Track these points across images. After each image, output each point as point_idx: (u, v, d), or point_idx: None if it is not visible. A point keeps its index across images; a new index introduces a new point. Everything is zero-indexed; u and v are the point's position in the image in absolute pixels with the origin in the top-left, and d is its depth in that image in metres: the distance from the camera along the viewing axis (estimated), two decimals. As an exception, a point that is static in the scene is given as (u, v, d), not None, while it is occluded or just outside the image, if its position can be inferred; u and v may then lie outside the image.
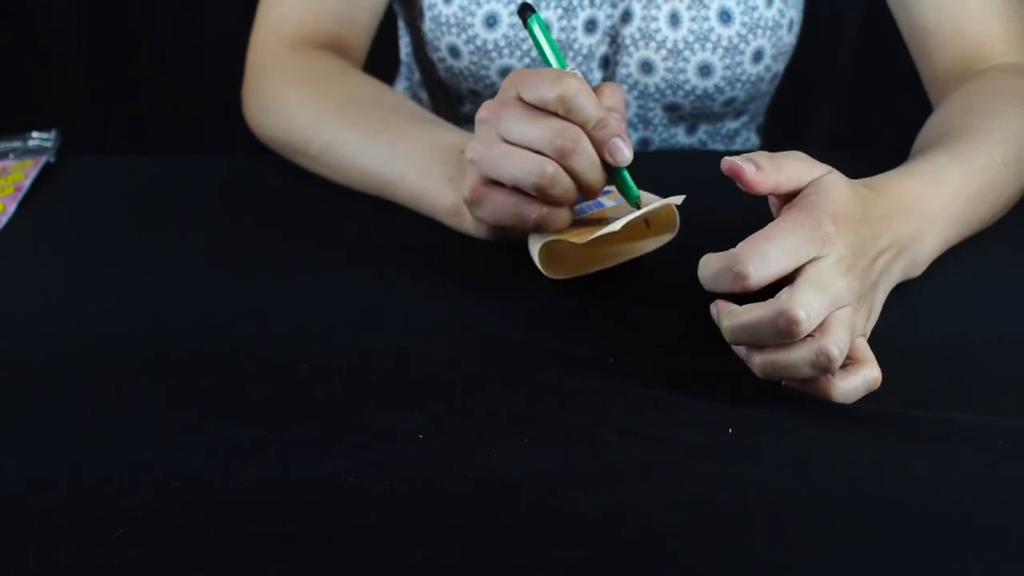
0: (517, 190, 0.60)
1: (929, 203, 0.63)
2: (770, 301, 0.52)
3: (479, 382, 0.56)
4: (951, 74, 0.82)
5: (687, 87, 0.88)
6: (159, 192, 0.79)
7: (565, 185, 0.59)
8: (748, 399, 0.55)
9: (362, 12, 0.87)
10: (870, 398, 0.54)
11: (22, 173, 0.80)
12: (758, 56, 0.87)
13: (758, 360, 0.54)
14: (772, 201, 0.59)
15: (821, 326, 0.52)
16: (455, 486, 0.49)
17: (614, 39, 0.88)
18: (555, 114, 0.59)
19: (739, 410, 0.54)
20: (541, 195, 0.59)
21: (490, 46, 0.86)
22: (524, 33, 0.86)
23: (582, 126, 0.59)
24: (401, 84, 1.08)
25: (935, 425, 0.53)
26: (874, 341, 0.57)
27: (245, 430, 0.53)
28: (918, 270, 0.64)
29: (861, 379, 0.53)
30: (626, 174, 0.61)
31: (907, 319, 0.61)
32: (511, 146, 0.59)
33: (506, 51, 0.86)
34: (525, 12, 0.64)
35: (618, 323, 0.61)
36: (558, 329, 0.61)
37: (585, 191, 0.61)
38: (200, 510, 0.48)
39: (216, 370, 0.57)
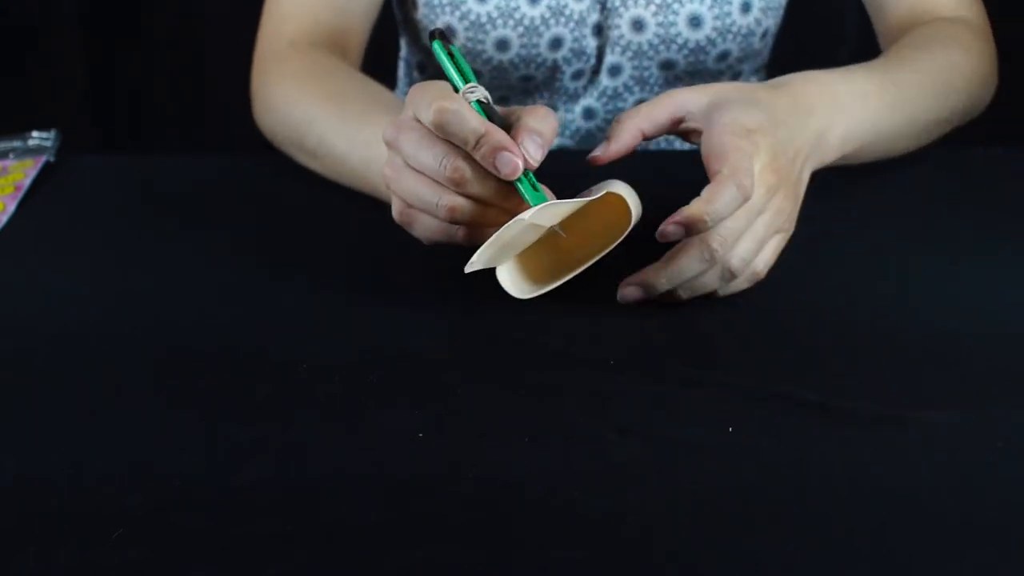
0: None
1: (832, 97, 0.69)
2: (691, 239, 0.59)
3: (479, 382, 0.56)
4: (901, 28, 0.87)
5: (679, 40, 0.89)
6: (159, 192, 0.79)
7: (473, 212, 0.58)
8: (748, 399, 0.55)
9: (359, 4, 0.89)
10: (870, 398, 0.54)
11: (22, 173, 0.80)
12: (746, 7, 0.89)
13: (680, 293, 0.61)
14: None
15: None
16: (455, 486, 0.49)
17: (604, 5, 0.89)
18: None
19: (739, 410, 0.54)
20: (455, 223, 0.59)
21: (484, 19, 0.88)
22: (515, 3, 0.87)
23: (463, 147, 0.57)
24: (401, 82, 1.09)
25: (934, 425, 0.53)
26: (874, 340, 0.57)
27: (245, 430, 0.53)
28: (830, 156, 0.69)
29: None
30: (520, 184, 0.57)
31: (907, 318, 0.62)
32: (418, 174, 0.59)
33: (499, 21, 0.88)
34: (431, 37, 0.63)
35: (618, 324, 0.61)
36: (558, 329, 0.61)
37: (505, 208, 0.59)
38: (200, 510, 0.48)
39: (216, 370, 0.57)
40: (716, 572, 0.45)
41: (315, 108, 0.78)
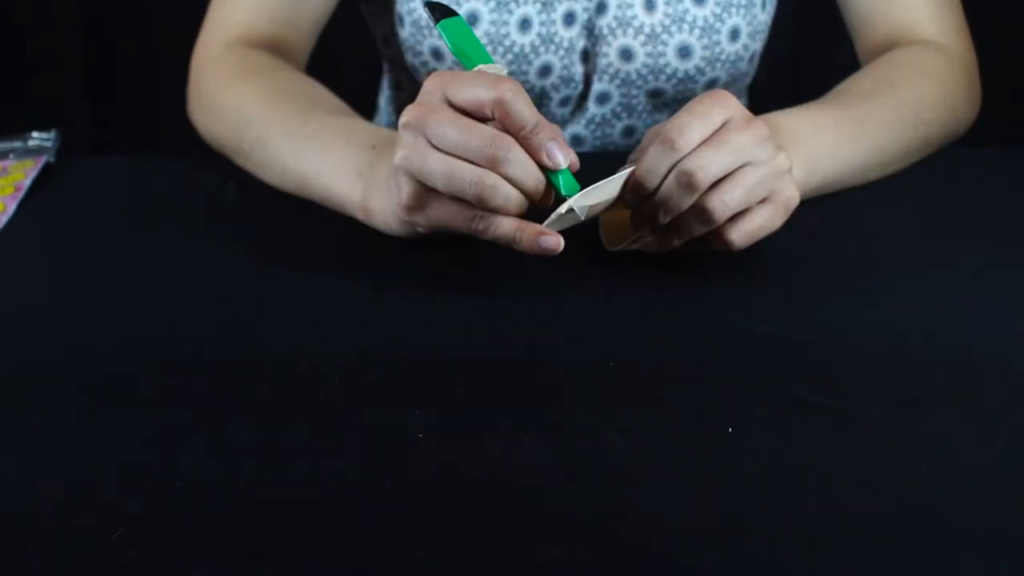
0: (455, 197, 0.60)
1: (782, 132, 0.69)
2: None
3: (479, 382, 0.56)
4: (879, 50, 0.87)
5: (668, 71, 0.88)
6: (159, 192, 0.79)
7: (506, 195, 0.58)
8: (748, 399, 0.55)
9: (303, 18, 0.87)
10: (870, 398, 0.54)
11: (22, 173, 0.80)
12: (735, 34, 0.88)
13: (668, 237, 0.61)
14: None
15: (717, 183, 0.59)
16: (455, 486, 0.49)
17: (591, 31, 0.88)
18: (485, 119, 0.59)
19: (739, 410, 0.54)
20: (481, 205, 0.59)
21: None
22: (505, 30, 0.86)
23: (518, 131, 0.58)
24: (384, 96, 1.09)
25: (934, 425, 0.53)
26: (875, 340, 0.57)
27: (245, 430, 0.53)
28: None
29: (755, 222, 0.60)
30: (558, 177, 0.59)
31: (907, 319, 0.62)
32: (446, 155, 0.59)
33: (488, 47, 0.86)
34: (435, 11, 0.62)
35: (618, 323, 0.61)
36: (558, 329, 0.61)
37: (527, 197, 0.60)
38: (200, 510, 0.48)
39: (216, 370, 0.57)
40: (716, 572, 0.45)
41: (249, 110, 0.77)
